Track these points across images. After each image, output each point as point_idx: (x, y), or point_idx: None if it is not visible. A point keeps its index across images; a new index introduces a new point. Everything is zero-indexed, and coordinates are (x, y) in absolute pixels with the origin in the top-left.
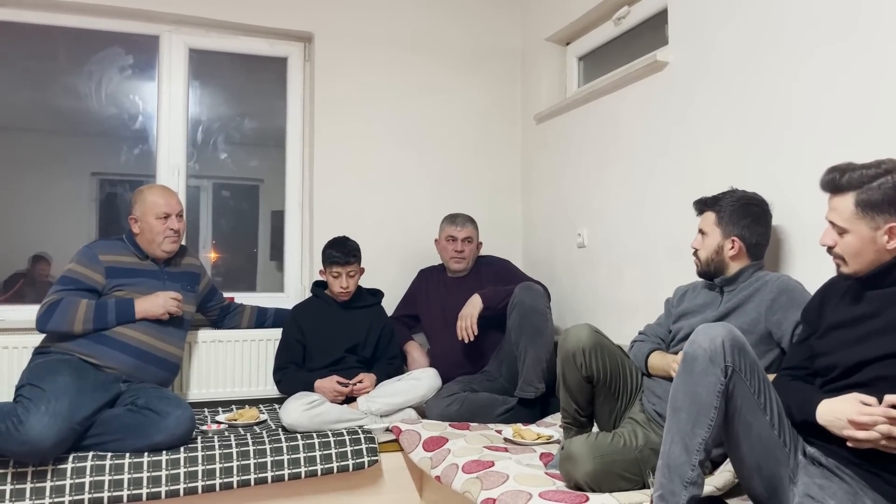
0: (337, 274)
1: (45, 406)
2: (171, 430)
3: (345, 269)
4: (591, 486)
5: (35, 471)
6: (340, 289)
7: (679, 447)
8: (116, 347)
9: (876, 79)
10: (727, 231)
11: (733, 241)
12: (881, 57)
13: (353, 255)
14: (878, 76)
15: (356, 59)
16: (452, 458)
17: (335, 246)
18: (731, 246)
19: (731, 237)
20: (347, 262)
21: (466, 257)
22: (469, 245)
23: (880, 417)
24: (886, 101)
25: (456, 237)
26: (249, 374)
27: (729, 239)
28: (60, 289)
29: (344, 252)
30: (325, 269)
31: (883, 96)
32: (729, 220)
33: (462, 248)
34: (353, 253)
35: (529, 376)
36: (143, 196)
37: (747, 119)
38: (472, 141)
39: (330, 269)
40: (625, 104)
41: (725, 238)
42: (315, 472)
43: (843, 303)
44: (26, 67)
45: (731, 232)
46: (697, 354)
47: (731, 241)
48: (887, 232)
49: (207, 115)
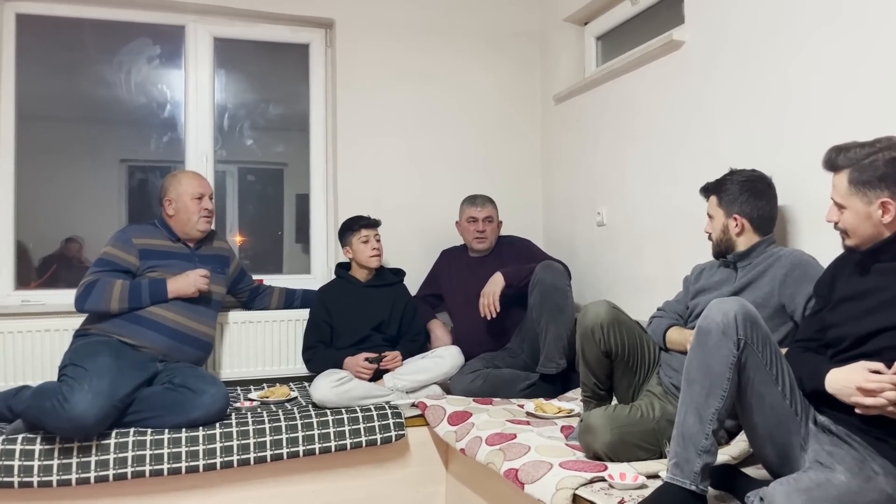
0: (366, 238)
1: (87, 384)
2: (207, 407)
3: (372, 232)
4: (610, 456)
5: (80, 446)
6: (372, 251)
7: (693, 417)
8: (152, 328)
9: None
10: (728, 210)
11: (735, 218)
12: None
13: (376, 220)
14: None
15: (376, 44)
16: (476, 431)
17: (356, 216)
18: (734, 224)
19: (733, 215)
20: (376, 224)
21: (488, 236)
22: (490, 224)
23: (887, 384)
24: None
25: (477, 217)
26: (279, 353)
27: (731, 217)
28: (97, 270)
29: (368, 217)
30: (350, 243)
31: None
32: (728, 200)
33: (483, 228)
34: (375, 219)
35: (551, 352)
36: (177, 179)
37: (763, 97)
38: (491, 123)
39: (358, 234)
40: (643, 84)
41: (728, 217)
42: (344, 447)
43: (853, 276)
44: (58, 58)
45: (731, 210)
46: (711, 328)
47: (733, 219)
48: (880, 207)
49: (233, 102)
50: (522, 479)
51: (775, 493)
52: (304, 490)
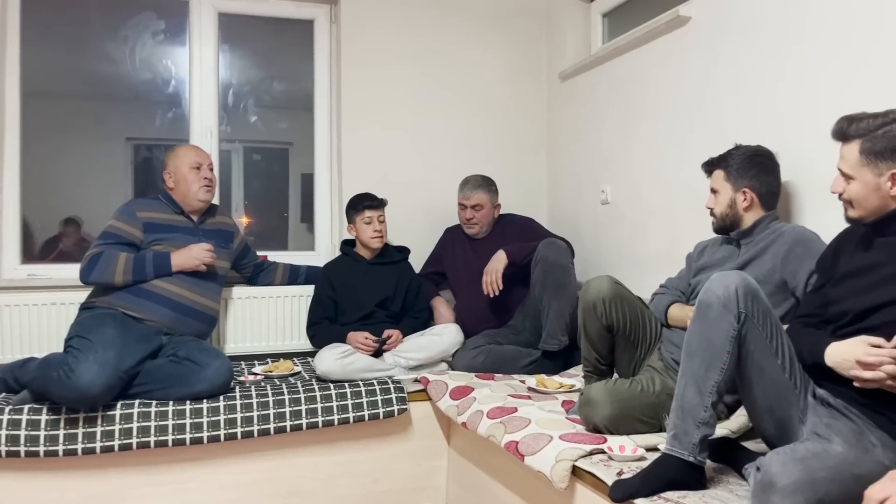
0: (369, 219)
1: (93, 356)
2: (211, 380)
3: (376, 213)
4: (610, 429)
5: (86, 417)
6: (374, 232)
7: (693, 390)
8: (156, 301)
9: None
10: (737, 184)
11: (745, 192)
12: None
13: (382, 200)
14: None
15: (381, 20)
16: (478, 405)
17: (362, 195)
18: (743, 198)
19: (742, 189)
20: (381, 204)
21: (478, 223)
22: (479, 212)
23: (886, 358)
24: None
25: (465, 205)
26: (283, 328)
27: (740, 191)
28: (101, 243)
29: (373, 197)
30: (354, 221)
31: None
32: (737, 174)
33: (471, 216)
34: (380, 199)
35: (553, 329)
36: (175, 152)
37: (769, 72)
38: (497, 100)
39: (362, 215)
40: (649, 60)
41: (736, 191)
42: (347, 420)
43: (856, 251)
44: (62, 33)
45: (741, 184)
46: (711, 301)
47: (742, 192)
48: (890, 178)
49: (237, 79)
50: (523, 452)
51: (771, 462)
52: (307, 462)
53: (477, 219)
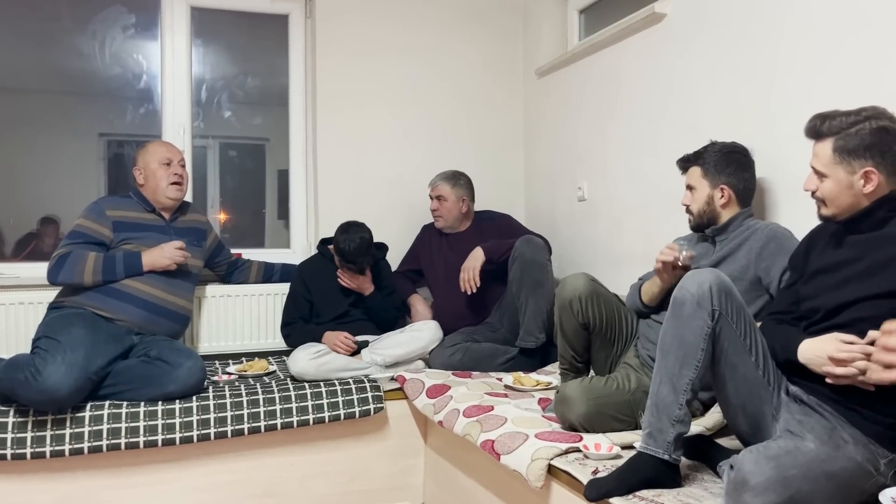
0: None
1: (61, 356)
2: (183, 381)
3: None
4: (585, 427)
5: (54, 419)
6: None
7: (667, 387)
8: (127, 300)
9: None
10: (714, 181)
11: (722, 189)
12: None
13: (363, 256)
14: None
15: (357, 15)
16: (454, 403)
17: (346, 253)
18: (721, 195)
19: (720, 185)
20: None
21: (441, 215)
22: (442, 203)
23: (858, 354)
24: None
25: (431, 196)
26: (258, 327)
27: (718, 188)
28: (69, 242)
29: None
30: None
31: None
32: (714, 170)
33: (436, 207)
34: (363, 253)
35: (530, 327)
36: (145, 148)
37: (743, 70)
38: (473, 96)
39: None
40: (625, 57)
41: (714, 188)
42: (322, 419)
43: (827, 248)
44: (30, 28)
45: (718, 181)
46: (686, 299)
47: (720, 189)
48: (863, 176)
49: (211, 74)
50: (498, 450)
51: (744, 460)
52: (282, 463)
53: (441, 211)
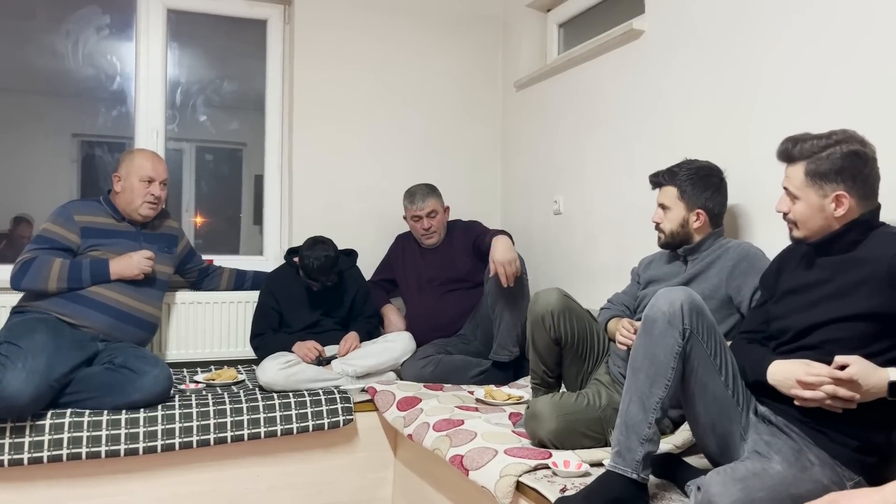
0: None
1: (21, 363)
2: (148, 389)
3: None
4: (555, 444)
5: (13, 426)
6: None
7: (637, 406)
8: (92, 307)
9: (841, 51)
10: (691, 204)
11: (698, 213)
12: (846, 29)
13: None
14: (843, 49)
15: (336, 22)
16: (424, 416)
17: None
18: (696, 218)
19: (696, 210)
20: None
21: (437, 230)
22: (435, 218)
23: (826, 378)
24: (850, 73)
25: (420, 216)
26: (228, 335)
27: (694, 212)
28: (35, 248)
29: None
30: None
31: (846, 68)
32: (692, 194)
33: (429, 225)
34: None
35: (504, 340)
36: (131, 157)
37: (720, 89)
38: (452, 106)
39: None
40: (602, 72)
41: (690, 211)
42: (291, 431)
43: (798, 269)
44: (3, 26)
45: (695, 205)
46: (657, 317)
47: (696, 213)
48: (834, 200)
49: (187, 77)
50: (467, 466)
51: (712, 482)
52: (249, 474)
53: (435, 226)
